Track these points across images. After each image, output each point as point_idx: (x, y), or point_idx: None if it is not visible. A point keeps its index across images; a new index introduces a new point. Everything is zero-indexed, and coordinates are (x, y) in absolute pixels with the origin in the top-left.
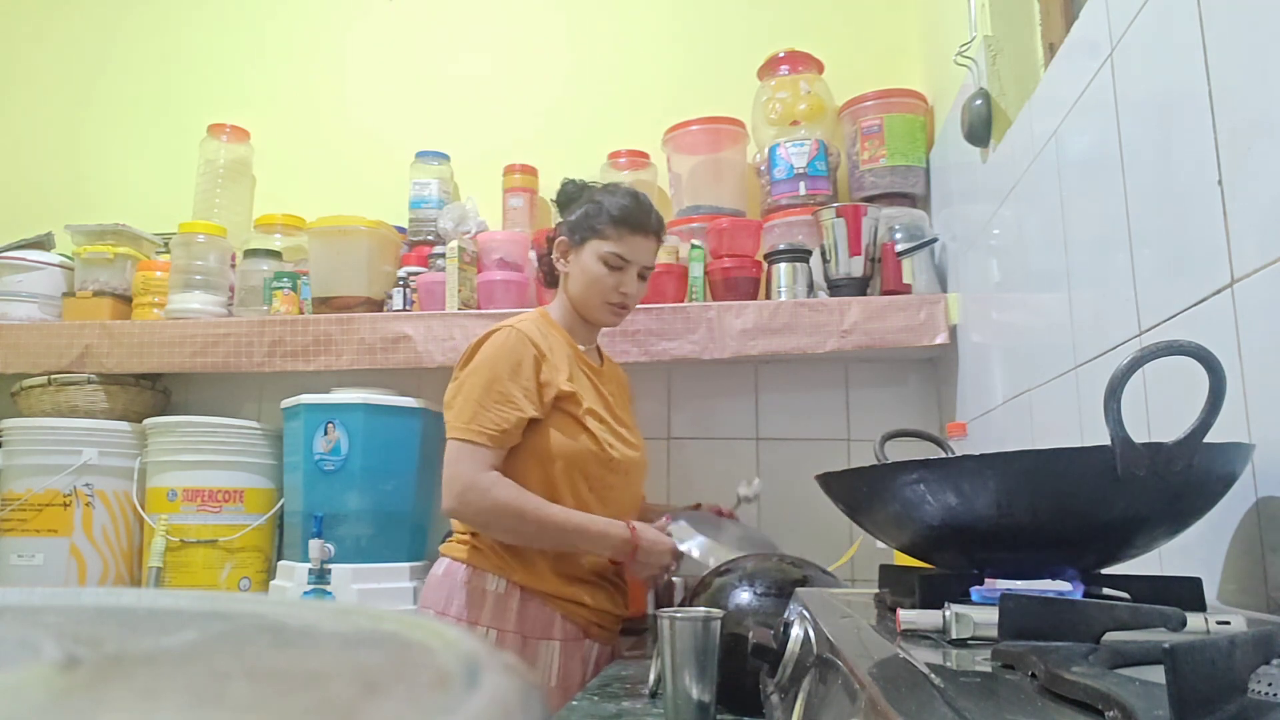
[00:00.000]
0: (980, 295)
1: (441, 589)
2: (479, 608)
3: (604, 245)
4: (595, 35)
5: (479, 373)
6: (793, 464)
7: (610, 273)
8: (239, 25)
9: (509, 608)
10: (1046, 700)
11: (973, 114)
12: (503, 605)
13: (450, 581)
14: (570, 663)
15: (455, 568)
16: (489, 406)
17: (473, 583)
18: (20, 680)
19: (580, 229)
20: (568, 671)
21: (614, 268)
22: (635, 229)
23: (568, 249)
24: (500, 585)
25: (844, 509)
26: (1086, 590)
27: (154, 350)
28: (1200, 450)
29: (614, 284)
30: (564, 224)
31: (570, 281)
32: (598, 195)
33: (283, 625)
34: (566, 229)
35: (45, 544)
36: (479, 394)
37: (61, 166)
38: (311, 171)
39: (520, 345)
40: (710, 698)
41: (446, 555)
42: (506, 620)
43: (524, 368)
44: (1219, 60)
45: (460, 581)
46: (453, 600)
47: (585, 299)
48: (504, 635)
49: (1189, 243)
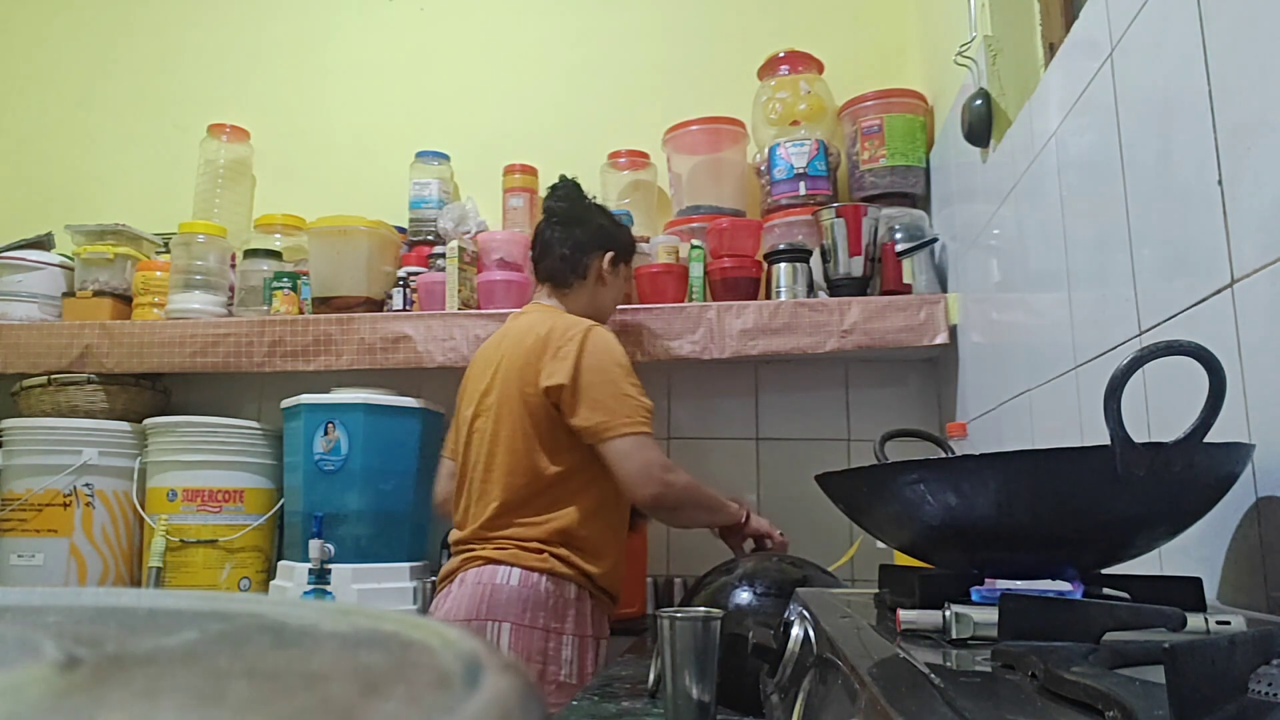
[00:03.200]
0: (980, 295)
1: (521, 600)
2: (563, 617)
3: (628, 271)
4: (595, 35)
5: (614, 368)
6: (793, 464)
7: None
8: (239, 26)
9: (584, 613)
10: (1046, 700)
11: (973, 114)
12: (580, 611)
13: (532, 593)
14: (609, 659)
15: (533, 578)
16: (639, 398)
17: (555, 592)
18: (20, 680)
19: (625, 251)
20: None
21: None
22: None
23: (613, 262)
24: (573, 591)
25: (844, 509)
26: (1086, 590)
27: (154, 350)
28: (1200, 450)
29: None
30: (612, 240)
31: (602, 292)
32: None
33: (283, 625)
34: (615, 246)
35: (45, 544)
36: (627, 388)
37: (61, 166)
38: (311, 171)
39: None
40: (710, 698)
41: (514, 564)
42: (584, 626)
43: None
44: (1219, 60)
45: (543, 592)
46: (538, 612)
47: (609, 311)
48: (585, 641)
49: (1189, 243)
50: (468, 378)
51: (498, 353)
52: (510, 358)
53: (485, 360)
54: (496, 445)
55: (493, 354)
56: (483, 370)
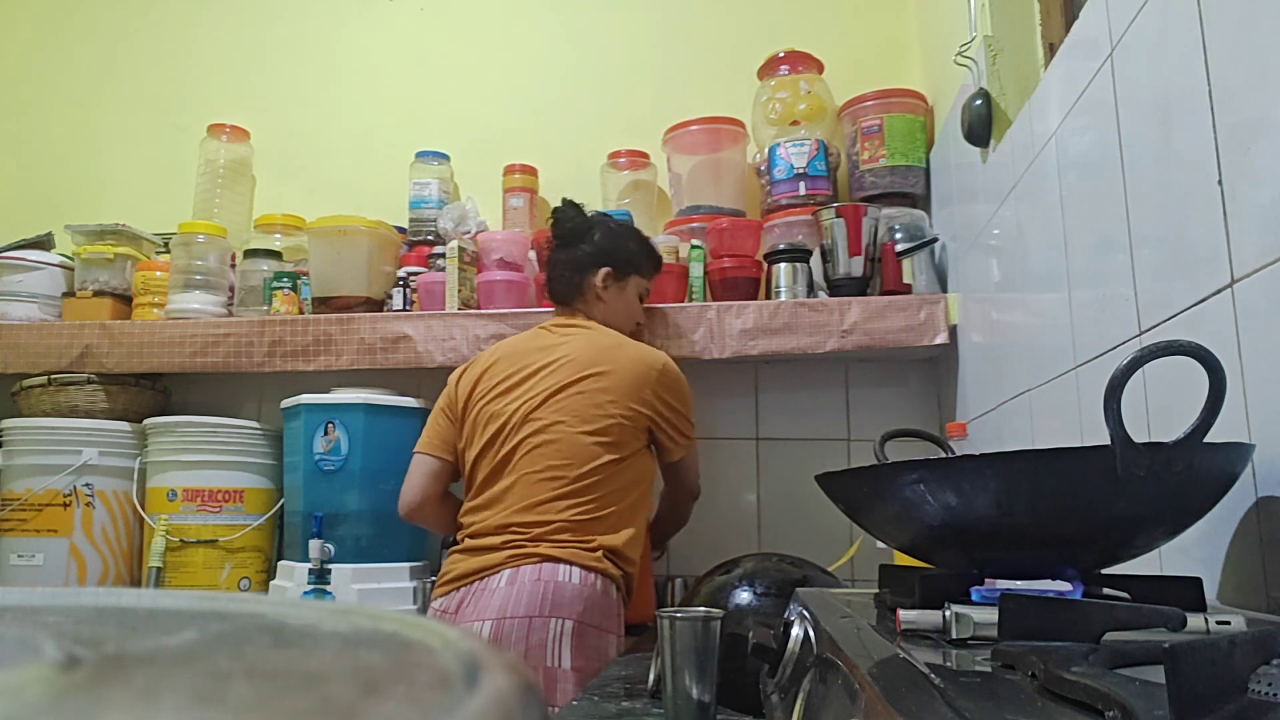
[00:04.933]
0: (980, 295)
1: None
2: (613, 617)
3: (643, 283)
4: (595, 35)
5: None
6: (793, 464)
7: (640, 305)
8: (239, 26)
9: (623, 614)
10: (1046, 700)
11: (973, 114)
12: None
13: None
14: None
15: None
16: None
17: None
18: (20, 680)
19: (626, 265)
20: None
21: (643, 300)
22: (658, 271)
23: (611, 278)
24: (614, 591)
25: (844, 509)
26: (1086, 590)
27: (154, 350)
28: (1200, 450)
29: (639, 313)
30: (607, 256)
31: (608, 308)
32: (619, 234)
33: (283, 625)
34: (612, 262)
35: (45, 544)
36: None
37: (61, 166)
38: (311, 171)
39: None
40: (710, 698)
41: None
42: (622, 626)
43: None
44: (1219, 60)
45: (599, 592)
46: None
47: (621, 325)
48: (621, 641)
49: (1189, 243)
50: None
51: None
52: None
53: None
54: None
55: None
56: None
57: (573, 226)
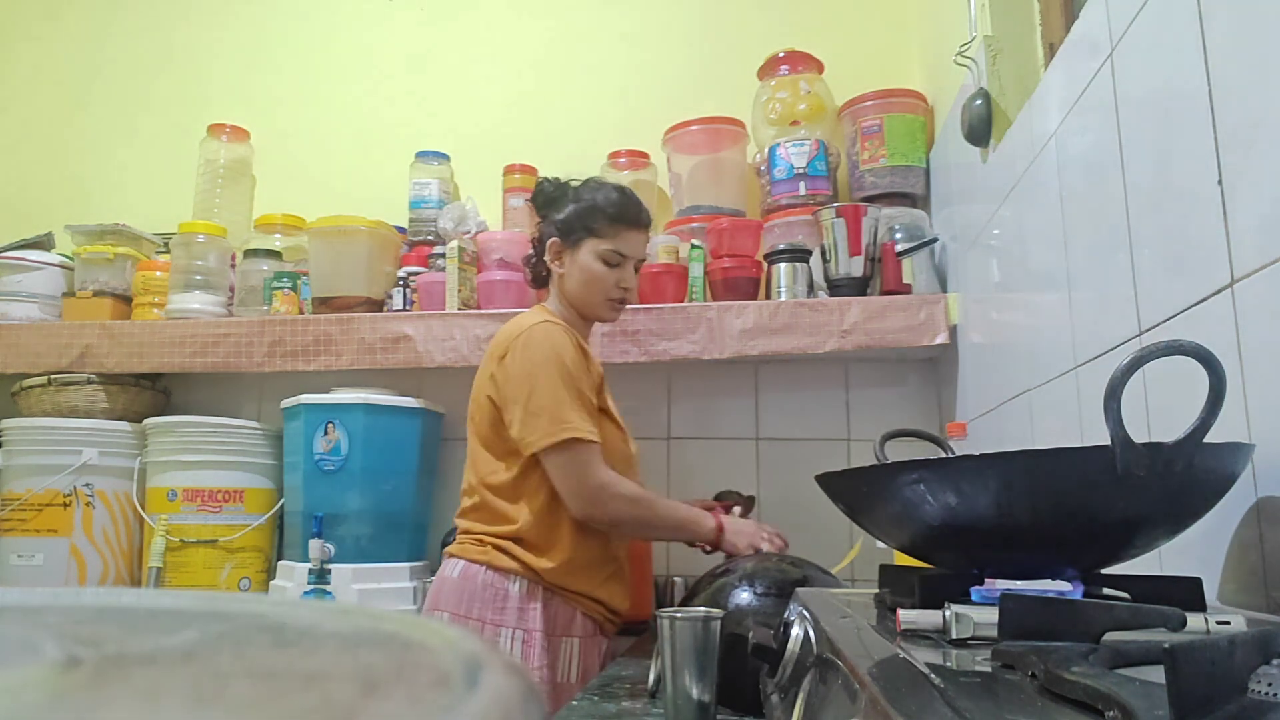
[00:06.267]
0: (980, 295)
1: (459, 592)
2: (501, 610)
3: (601, 244)
4: (595, 35)
5: (551, 372)
6: (793, 464)
7: (610, 270)
8: (239, 25)
9: (532, 608)
10: (1046, 700)
11: (973, 114)
12: (525, 606)
13: (469, 585)
14: (589, 658)
15: (473, 570)
16: (577, 404)
17: (494, 585)
18: (20, 680)
19: (574, 229)
20: (587, 667)
21: (612, 265)
22: (630, 224)
23: (561, 250)
24: (522, 586)
25: (844, 509)
26: (1086, 590)
27: (154, 350)
28: (1200, 450)
29: (614, 280)
30: (553, 224)
31: (568, 282)
32: (585, 194)
33: (283, 625)
34: (558, 230)
35: (45, 544)
36: (564, 393)
37: (61, 166)
38: (311, 171)
39: (570, 341)
40: (710, 698)
41: (460, 557)
42: (531, 620)
43: (579, 363)
44: (1219, 60)
45: (480, 584)
46: (473, 603)
47: (587, 298)
48: (530, 635)
49: (1189, 243)
50: None
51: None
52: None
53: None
54: (470, 446)
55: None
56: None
57: (544, 199)
